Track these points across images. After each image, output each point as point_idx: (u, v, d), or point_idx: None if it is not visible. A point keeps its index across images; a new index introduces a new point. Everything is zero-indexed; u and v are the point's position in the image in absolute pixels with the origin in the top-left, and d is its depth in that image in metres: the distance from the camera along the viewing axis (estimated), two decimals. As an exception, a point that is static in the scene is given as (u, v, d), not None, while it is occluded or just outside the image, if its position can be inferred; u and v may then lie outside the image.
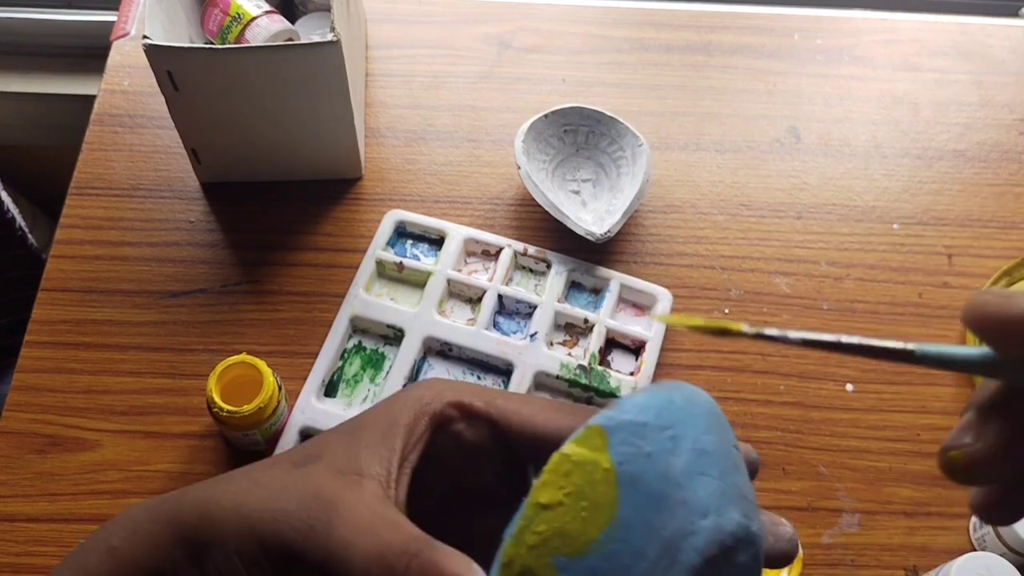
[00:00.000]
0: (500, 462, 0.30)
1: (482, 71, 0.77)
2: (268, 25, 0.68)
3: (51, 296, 0.65)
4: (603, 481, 0.22)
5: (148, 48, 0.58)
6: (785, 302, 0.67)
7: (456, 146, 0.73)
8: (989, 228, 0.71)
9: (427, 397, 0.29)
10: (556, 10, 0.82)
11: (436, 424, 0.29)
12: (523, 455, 0.29)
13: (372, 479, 0.26)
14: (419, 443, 0.28)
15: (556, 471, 0.23)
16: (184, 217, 0.68)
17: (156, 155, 0.71)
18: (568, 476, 0.23)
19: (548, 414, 0.28)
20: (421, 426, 0.28)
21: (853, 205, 0.72)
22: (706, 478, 0.23)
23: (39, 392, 0.61)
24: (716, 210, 0.71)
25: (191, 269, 0.66)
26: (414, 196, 0.70)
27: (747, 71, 0.79)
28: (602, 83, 0.77)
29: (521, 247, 0.66)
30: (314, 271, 0.66)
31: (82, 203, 0.69)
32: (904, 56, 0.80)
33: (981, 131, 0.76)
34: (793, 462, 0.61)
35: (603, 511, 0.22)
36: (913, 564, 0.58)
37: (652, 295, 0.65)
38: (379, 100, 0.75)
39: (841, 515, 0.59)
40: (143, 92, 0.74)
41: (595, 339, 0.62)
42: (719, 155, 0.74)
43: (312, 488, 0.26)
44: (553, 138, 0.70)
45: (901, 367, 0.64)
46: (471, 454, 0.29)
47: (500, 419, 0.29)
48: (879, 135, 0.75)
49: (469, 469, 0.30)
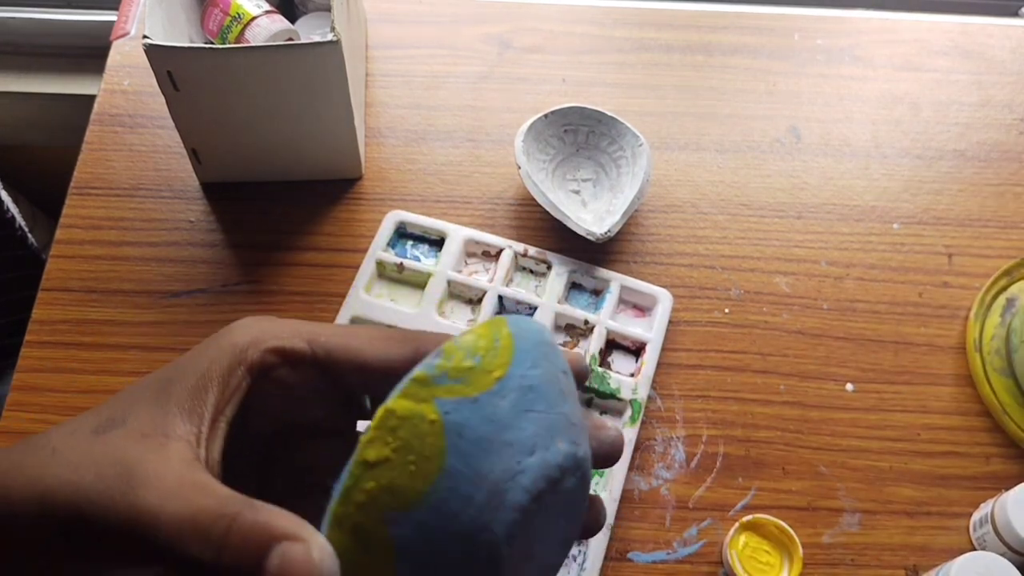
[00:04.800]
0: (330, 396, 0.28)
1: (482, 71, 0.77)
2: (268, 25, 0.68)
3: (51, 296, 0.65)
4: (430, 433, 0.22)
5: (148, 48, 0.58)
6: (785, 302, 0.67)
7: (456, 146, 0.73)
8: (989, 228, 0.71)
9: (242, 343, 0.26)
10: (556, 10, 0.82)
11: (255, 373, 0.26)
12: (354, 387, 0.28)
13: (179, 440, 0.24)
14: (235, 395, 0.26)
15: (382, 427, 0.22)
16: (184, 217, 0.68)
17: (156, 155, 0.71)
18: (394, 431, 0.22)
19: (377, 345, 0.27)
20: (237, 377, 0.26)
21: (853, 205, 0.72)
22: (533, 414, 0.23)
23: (39, 392, 0.61)
24: (716, 210, 0.71)
25: (191, 269, 0.66)
26: (414, 196, 0.70)
27: (747, 71, 0.79)
28: (602, 83, 0.77)
29: (521, 248, 0.66)
30: (314, 271, 0.66)
31: (82, 203, 0.69)
32: (904, 56, 0.80)
33: (981, 131, 0.76)
34: (793, 462, 0.61)
35: (431, 463, 0.22)
36: (913, 564, 0.58)
37: (652, 296, 0.65)
38: (379, 100, 0.75)
39: (841, 515, 0.59)
40: (143, 92, 0.74)
41: (595, 340, 0.62)
42: (719, 155, 0.74)
43: (113, 455, 0.24)
44: (553, 138, 0.70)
45: (901, 366, 0.64)
46: (297, 396, 0.28)
47: (326, 358, 0.27)
48: (879, 135, 0.75)
49: (296, 410, 0.28)
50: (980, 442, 0.62)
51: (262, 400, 0.27)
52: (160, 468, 0.23)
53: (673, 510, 0.59)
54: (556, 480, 0.24)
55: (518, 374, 0.24)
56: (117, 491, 0.23)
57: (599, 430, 0.28)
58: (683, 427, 0.61)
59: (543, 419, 0.24)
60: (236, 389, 0.26)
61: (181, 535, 0.22)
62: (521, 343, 0.24)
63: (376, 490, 0.22)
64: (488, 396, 0.23)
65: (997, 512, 0.55)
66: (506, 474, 0.23)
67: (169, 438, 0.24)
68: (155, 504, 0.23)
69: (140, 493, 0.23)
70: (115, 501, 0.23)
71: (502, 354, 0.24)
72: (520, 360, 0.24)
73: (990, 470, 0.61)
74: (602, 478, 0.58)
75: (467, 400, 0.23)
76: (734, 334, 0.65)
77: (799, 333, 0.65)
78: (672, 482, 0.60)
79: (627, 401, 0.60)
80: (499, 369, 0.23)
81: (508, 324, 0.25)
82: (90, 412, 0.26)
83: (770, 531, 0.57)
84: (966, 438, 0.62)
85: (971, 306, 0.66)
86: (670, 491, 0.59)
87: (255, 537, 0.22)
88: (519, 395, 0.23)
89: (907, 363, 0.65)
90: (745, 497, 0.59)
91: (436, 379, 0.23)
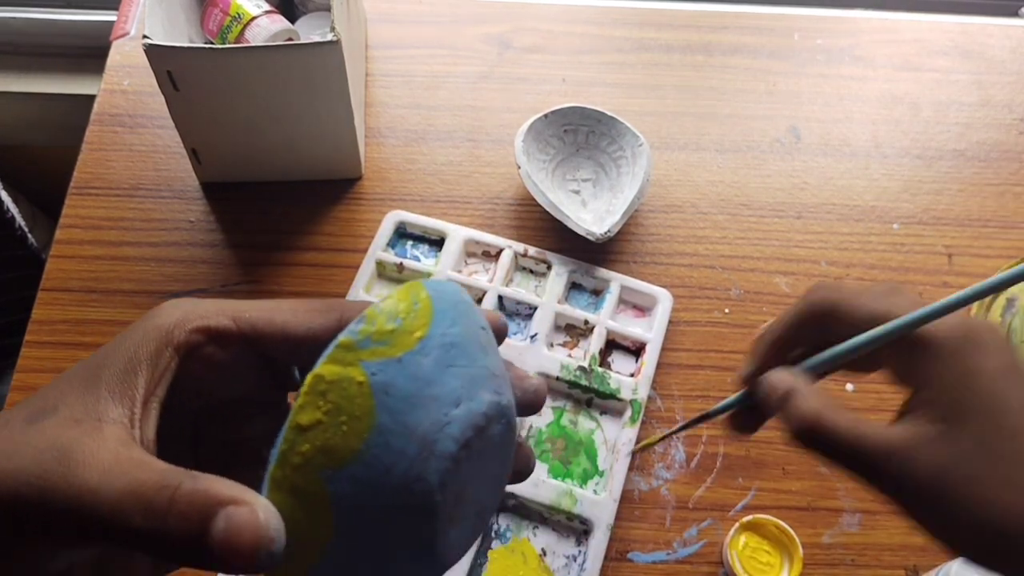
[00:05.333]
0: (258, 370, 0.29)
1: (482, 71, 0.77)
2: (268, 25, 0.68)
3: (51, 296, 0.65)
4: (359, 394, 0.23)
5: (148, 48, 0.58)
6: (785, 302, 0.67)
7: (456, 146, 0.73)
8: (989, 228, 0.71)
9: (167, 325, 0.27)
10: (556, 10, 0.82)
11: (183, 353, 0.27)
12: (282, 358, 0.29)
13: (113, 423, 0.25)
14: (164, 375, 0.26)
15: (312, 392, 0.23)
16: (184, 217, 0.68)
17: (156, 155, 0.71)
18: (324, 395, 0.23)
19: (301, 316, 0.28)
20: (165, 358, 0.26)
21: (853, 205, 0.72)
22: (455, 369, 0.25)
23: (39, 392, 0.61)
24: (716, 210, 0.71)
25: (191, 269, 0.66)
26: (414, 196, 0.70)
27: (747, 71, 0.79)
28: (602, 83, 0.77)
29: (521, 248, 0.66)
30: (314, 271, 0.66)
31: (82, 203, 0.69)
32: (904, 56, 0.80)
33: (981, 131, 0.76)
34: (793, 462, 0.61)
35: (362, 421, 0.23)
36: (913, 564, 0.58)
37: (652, 296, 0.65)
38: (379, 100, 0.75)
39: (841, 515, 0.59)
40: (143, 92, 0.74)
41: (595, 340, 0.62)
42: (719, 155, 0.74)
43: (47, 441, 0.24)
44: (553, 138, 0.70)
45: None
46: (225, 372, 0.28)
47: (252, 333, 0.27)
48: (879, 135, 0.75)
49: (225, 385, 0.29)
50: (980, 442, 0.62)
51: (191, 378, 0.27)
52: (97, 449, 0.24)
53: (673, 510, 0.59)
54: (482, 428, 0.25)
55: (438, 333, 0.25)
56: (55, 473, 0.23)
57: (522, 380, 0.29)
58: (683, 427, 0.61)
59: (465, 373, 0.25)
60: (165, 370, 0.26)
61: (123, 509, 0.23)
62: (439, 304, 0.25)
63: (311, 451, 0.23)
64: (411, 355, 0.24)
65: (997, 512, 0.55)
66: (434, 426, 0.24)
67: (103, 422, 0.25)
68: (94, 481, 0.23)
69: (78, 472, 0.23)
70: (54, 483, 0.23)
71: (422, 315, 0.25)
72: (439, 320, 0.25)
73: (990, 470, 0.61)
74: (602, 478, 0.58)
75: (392, 360, 0.24)
76: (734, 334, 0.65)
77: (799, 333, 0.65)
78: (672, 482, 0.60)
79: (627, 401, 0.60)
80: (420, 329, 0.25)
81: (425, 287, 0.26)
82: (19, 405, 0.26)
83: (770, 531, 0.57)
84: (966, 438, 0.62)
85: (971, 306, 0.66)
86: (670, 491, 0.59)
87: (198, 504, 0.22)
88: (441, 352, 0.25)
89: (907, 363, 0.65)
90: (745, 497, 0.59)
91: (360, 343, 0.24)
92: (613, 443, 0.60)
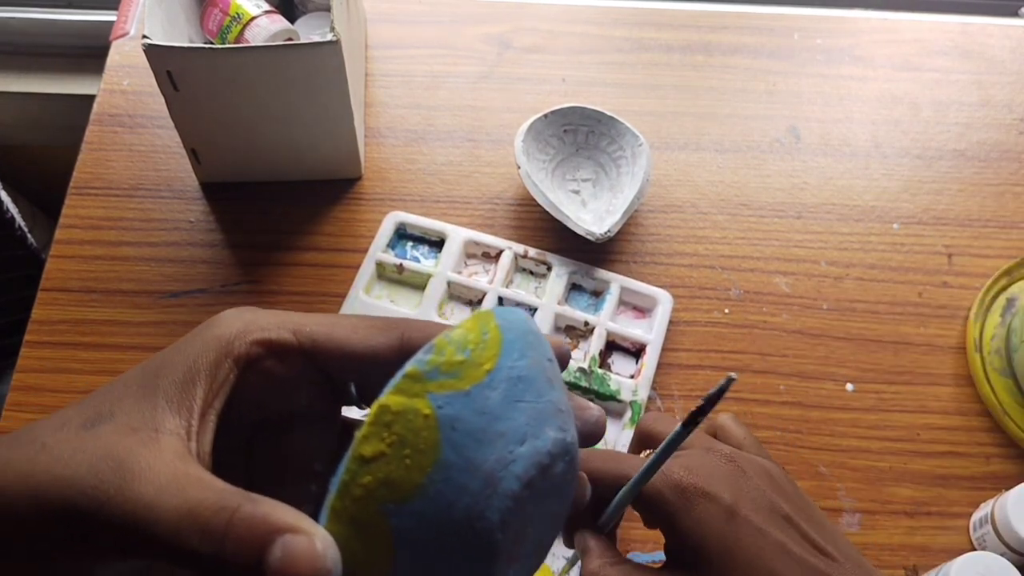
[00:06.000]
0: (314, 383, 0.29)
1: (482, 71, 0.77)
2: (268, 25, 0.68)
3: (51, 296, 0.65)
4: (424, 427, 0.23)
5: (148, 48, 0.58)
6: (785, 302, 0.67)
7: (456, 146, 0.73)
8: (989, 228, 0.71)
9: (228, 335, 0.26)
10: (556, 10, 0.82)
11: (242, 365, 0.27)
12: (339, 374, 0.28)
13: (170, 434, 0.24)
14: (223, 387, 0.26)
15: (377, 422, 0.23)
16: (184, 217, 0.68)
17: (156, 155, 0.71)
18: (389, 427, 0.23)
19: (361, 333, 0.27)
20: (224, 370, 0.26)
21: (853, 205, 0.72)
22: (522, 404, 0.24)
23: (39, 392, 0.61)
24: (716, 210, 0.71)
25: (191, 269, 0.66)
26: (414, 196, 0.70)
27: (747, 71, 0.79)
28: (602, 83, 0.77)
29: (521, 249, 0.66)
30: (314, 271, 0.66)
31: (82, 203, 0.69)
32: (904, 56, 0.80)
33: (981, 131, 0.76)
34: (793, 462, 0.61)
35: (426, 455, 0.23)
36: (913, 564, 0.58)
37: (652, 297, 0.65)
38: (379, 100, 0.75)
39: (841, 515, 0.59)
40: (143, 92, 0.74)
41: (595, 341, 0.62)
42: (719, 155, 0.74)
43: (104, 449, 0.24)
44: (553, 138, 0.70)
45: (900, 366, 0.64)
46: (283, 385, 0.28)
47: (312, 348, 0.27)
48: (879, 135, 0.75)
49: (280, 398, 0.29)
50: (980, 442, 0.62)
51: (248, 390, 0.27)
52: (154, 462, 0.23)
53: (673, 510, 0.59)
54: (546, 466, 0.25)
55: (507, 365, 0.24)
56: (112, 485, 0.23)
57: (583, 411, 0.29)
58: (683, 427, 0.61)
59: (532, 408, 0.25)
60: (224, 382, 0.26)
61: (180, 528, 0.22)
62: (508, 334, 0.25)
63: (373, 484, 0.23)
64: (479, 388, 0.24)
65: (997, 512, 0.55)
66: (499, 464, 0.23)
67: (160, 432, 0.24)
68: (151, 497, 0.23)
69: (135, 487, 0.23)
70: (110, 495, 0.23)
71: (491, 346, 0.24)
72: (508, 351, 0.25)
73: (990, 470, 0.61)
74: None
75: (459, 394, 0.23)
76: (734, 334, 0.65)
77: (799, 333, 0.65)
78: (672, 482, 0.59)
79: (627, 403, 0.60)
80: (488, 362, 0.24)
81: (496, 317, 0.25)
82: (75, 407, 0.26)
83: (770, 531, 0.56)
84: (966, 438, 0.62)
85: (971, 306, 0.66)
86: (670, 491, 0.59)
87: (256, 530, 0.22)
88: (509, 386, 0.24)
89: (907, 363, 0.65)
90: (745, 497, 0.59)
91: (428, 374, 0.23)
92: (613, 445, 0.60)
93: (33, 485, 0.24)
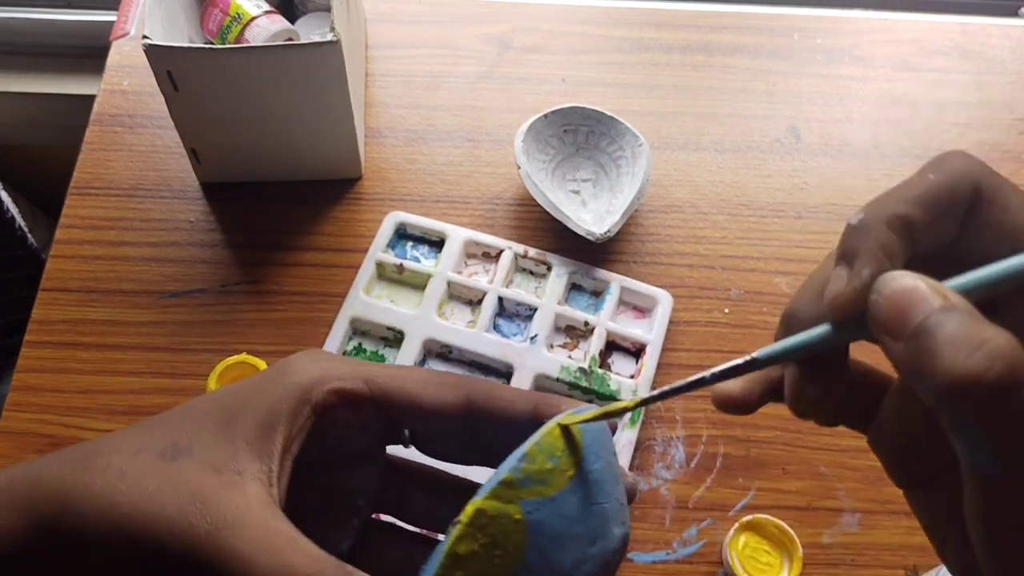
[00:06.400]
0: (376, 430, 0.30)
1: (482, 71, 0.77)
2: (268, 25, 0.68)
3: (51, 296, 0.65)
4: (515, 531, 0.25)
5: (148, 48, 0.58)
6: (785, 302, 0.66)
7: (456, 146, 0.73)
8: (989, 228, 0.71)
9: (307, 383, 0.27)
10: (556, 10, 0.82)
11: (319, 412, 0.27)
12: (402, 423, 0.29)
13: (253, 479, 0.25)
14: (300, 434, 0.27)
15: (473, 524, 0.25)
16: (184, 217, 0.68)
17: (156, 155, 0.71)
18: (484, 529, 0.25)
19: (431, 390, 0.29)
20: (303, 417, 0.27)
21: (853, 205, 0.72)
22: (596, 507, 0.27)
23: (39, 392, 0.61)
24: (716, 210, 0.71)
25: (191, 269, 0.66)
26: (414, 196, 0.70)
27: (747, 71, 0.79)
28: (602, 83, 0.77)
29: (522, 249, 0.66)
30: (314, 271, 0.66)
31: (82, 203, 0.69)
32: (904, 56, 0.80)
33: (981, 131, 0.76)
34: (793, 462, 0.61)
35: (513, 556, 0.25)
36: (913, 564, 0.58)
37: (652, 297, 0.65)
38: (379, 100, 0.75)
39: (841, 515, 0.59)
40: (143, 92, 0.74)
41: (595, 341, 0.62)
42: (719, 155, 0.74)
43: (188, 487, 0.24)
44: (553, 138, 0.70)
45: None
46: (350, 430, 0.29)
47: (382, 399, 0.28)
48: (879, 135, 0.75)
49: (344, 442, 0.30)
50: (980, 442, 0.62)
51: (317, 435, 0.28)
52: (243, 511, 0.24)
53: (673, 510, 0.59)
54: (610, 562, 0.27)
55: (586, 470, 0.27)
56: (201, 529, 0.23)
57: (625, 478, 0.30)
58: (683, 427, 0.61)
59: (603, 509, 0.27)
60: (302, 428, 0.27)
61: None
62: (587, 438, 0.27)
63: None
64: (563, 495, 0.26)
65: (997, 512, 0.55)
66: (574, 564, 0.26)
67: (243, 476, 0.25)
68: (245, 552, 0.23)
69: (227, 536, 0.23)
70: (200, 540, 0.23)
71: (574, 452, 0.27)
72: (587, 456, 0.27)
73: (990, 470, 0.61)
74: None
75: (546, 500, 0.26)
76: (734, 334, 0.65)
77: (799, 333, 0.65)
78: (672, 482, 0.60)
79: (627, 401, 0.60)
80: (572, 468, 0.26)
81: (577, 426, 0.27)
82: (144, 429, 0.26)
83: (770, 531, 0.57)
84: (966, 438, 0.62)
85: (971, 306, 0.66)
86: (670, 491, 0.59)
87: None
88: (586, 490, 0.26)
89: (907, 363, 0.64)
90: (745, 497, 0.59)
91: (521, 482, 0.25)
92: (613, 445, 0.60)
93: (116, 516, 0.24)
